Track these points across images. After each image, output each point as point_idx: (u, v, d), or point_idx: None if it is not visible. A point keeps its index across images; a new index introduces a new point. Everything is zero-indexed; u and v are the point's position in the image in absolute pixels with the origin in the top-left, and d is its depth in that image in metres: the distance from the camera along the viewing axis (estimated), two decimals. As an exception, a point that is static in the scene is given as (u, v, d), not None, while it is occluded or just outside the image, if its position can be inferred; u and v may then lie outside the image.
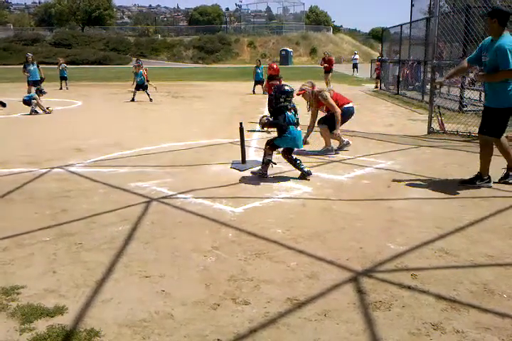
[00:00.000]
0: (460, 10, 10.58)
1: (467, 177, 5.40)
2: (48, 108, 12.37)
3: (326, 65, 20.44)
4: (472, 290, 2.93)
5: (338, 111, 6.98)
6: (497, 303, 2.78)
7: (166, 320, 2.65)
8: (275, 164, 5.74)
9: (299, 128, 5.65)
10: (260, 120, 5.74)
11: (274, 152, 5.76)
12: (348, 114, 7.28)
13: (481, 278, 3.09)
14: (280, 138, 5.64)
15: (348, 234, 3.90)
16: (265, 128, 6.76)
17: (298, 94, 6.84)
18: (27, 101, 12.24)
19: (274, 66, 10.57)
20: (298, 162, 5.70)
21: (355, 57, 37.31)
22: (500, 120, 5.10)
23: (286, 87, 5.61)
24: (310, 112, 7.34)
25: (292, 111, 5.59)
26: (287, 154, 5.73)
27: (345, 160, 6.68)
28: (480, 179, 5.28)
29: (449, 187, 5.27)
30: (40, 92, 12.62)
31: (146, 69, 16.56)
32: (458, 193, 5.04)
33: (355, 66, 35.43)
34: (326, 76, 20.39)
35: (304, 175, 5.63)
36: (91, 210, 4.52)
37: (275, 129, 5.82)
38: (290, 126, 5.54)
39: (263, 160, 5.72)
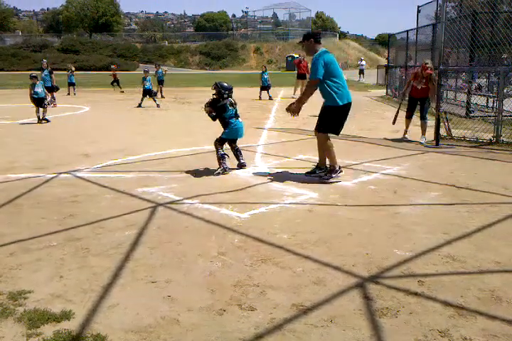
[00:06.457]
0: (467, 16, 10.57)
1: (472, 182, 5.37)
2: (43, 119, 11.98)
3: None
4: (480, 297, 2.92)
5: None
6: (505, 310, 2.76)
7: (172, 326, 2.65)
8: (228, 156, 6.37)
9: (240, 120, 6.40)
10: (205, 108, 6.38)
11: (223, 146, 6.43)
12: None
13: (489, 285, 3.07)
14: (226, 132, 6.36)
15: (354, 240, 3.89)
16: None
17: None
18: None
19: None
20: (238, 153, 6.54)
21: (362, 63, 37.36)
22: None
23: (226, 84, 6.32)
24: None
25: (233, 105, 6.34)
26: (231, 144, 6.53)
27: (352, 165, 6.68)
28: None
29: (456, 192, 5.25)
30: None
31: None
32: (465, 199, 5.02)
33: (361, 72, 35.46)
34: (302, 82, 17.69)
35: (240, 166, 6.49)
36: (98, 215, 4.54)
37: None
38: (231, 119, 6.30)
39: (217, 156, 6.29)
